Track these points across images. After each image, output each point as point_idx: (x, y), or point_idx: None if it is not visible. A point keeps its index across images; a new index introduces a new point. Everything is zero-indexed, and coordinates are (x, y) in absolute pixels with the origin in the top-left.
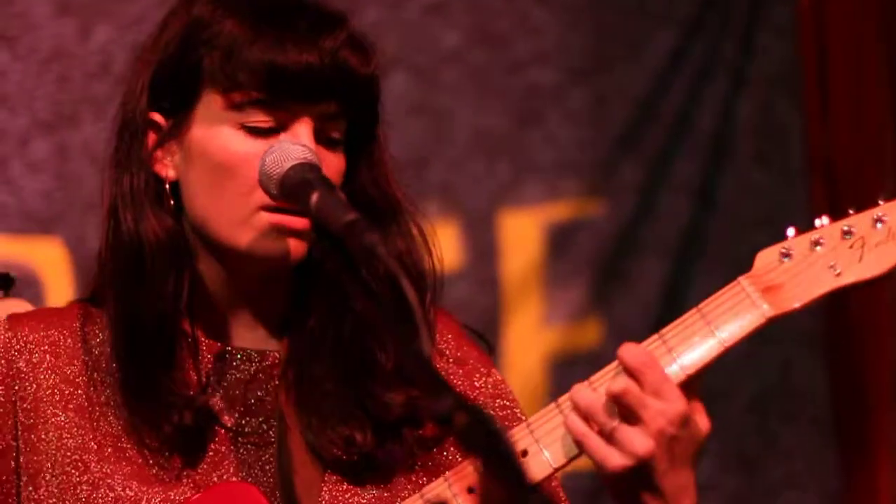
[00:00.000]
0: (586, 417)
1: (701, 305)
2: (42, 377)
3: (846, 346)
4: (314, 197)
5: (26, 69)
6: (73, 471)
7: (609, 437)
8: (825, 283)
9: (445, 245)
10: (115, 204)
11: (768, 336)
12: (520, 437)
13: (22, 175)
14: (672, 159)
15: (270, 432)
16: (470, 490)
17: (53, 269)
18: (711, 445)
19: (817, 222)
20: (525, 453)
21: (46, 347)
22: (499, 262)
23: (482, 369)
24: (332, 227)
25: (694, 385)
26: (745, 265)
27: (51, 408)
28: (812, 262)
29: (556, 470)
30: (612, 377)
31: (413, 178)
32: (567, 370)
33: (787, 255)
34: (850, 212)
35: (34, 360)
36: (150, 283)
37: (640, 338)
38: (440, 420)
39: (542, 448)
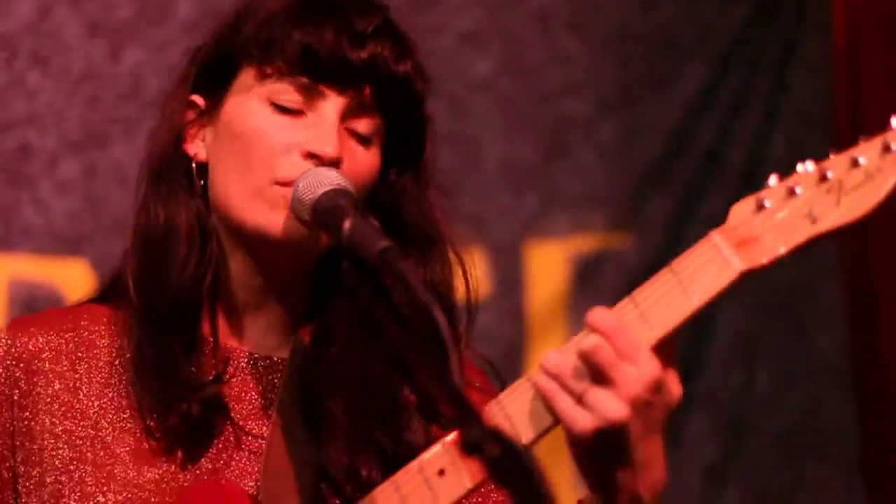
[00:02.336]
0: (556, 380)
1: (673, 264)
2: (41, 385)
3: (874, 383)
4: (346, 224)
5: (57, 89)
6: (66, 481)
7: (580, 398)
8: (801, 233)
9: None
10: (147, 188)
11: (796, 372)
12: (490, 415)
13: (50, 195)
14: (701, 194)
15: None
16: (441, 472)
17: (79, 290)
18: (738, 479)
19: (799, 167)
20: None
21: (47, 354)
22: (525, 294)
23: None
24: (364, 254)
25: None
26: (772, 301)
27: (49, 417)
28: (787, 212)
29: (527, 446)
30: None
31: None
32: None
33: (762, 205)
34: (831, 155)
35: (34, 368)
36: (174, 255)
37: None
38: (470, 449)
39: (514, 423)
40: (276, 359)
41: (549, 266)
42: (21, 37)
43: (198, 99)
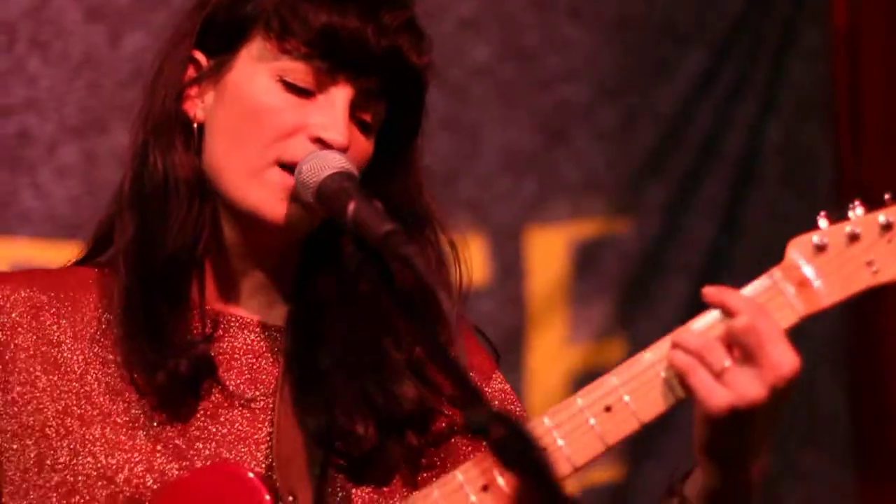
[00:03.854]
0: (695, 356)
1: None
2: (21, 337)
3: (868, 367)
4: (351, 206)
5: (57, 75)
6: (53, 434)
7: (718, 375)
8: (861, 281)
9: (471, 261)
10: (146, 139)
11: None
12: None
13: (50, 180)
14: (699, 181)
15: (267, 408)
16: (484, 488)
17: None
18: None
19: (850, 213)
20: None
21: (23, 308)
22: (525, 279)
23: (487, 375)
24: (369, 237)
25: None
26: None
27: (27, 370)
28: (849, 258)
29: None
30: (716, 323)
31: (441, 193)
32: None
33: (821, 247)
34: (887, 197)
35: (14, 318)
36: (172, 215)
37: None
38: (476, 431)
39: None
40: (267, 323)
41: (548, 252)
42: (21, 22)
43: (201, 57)
